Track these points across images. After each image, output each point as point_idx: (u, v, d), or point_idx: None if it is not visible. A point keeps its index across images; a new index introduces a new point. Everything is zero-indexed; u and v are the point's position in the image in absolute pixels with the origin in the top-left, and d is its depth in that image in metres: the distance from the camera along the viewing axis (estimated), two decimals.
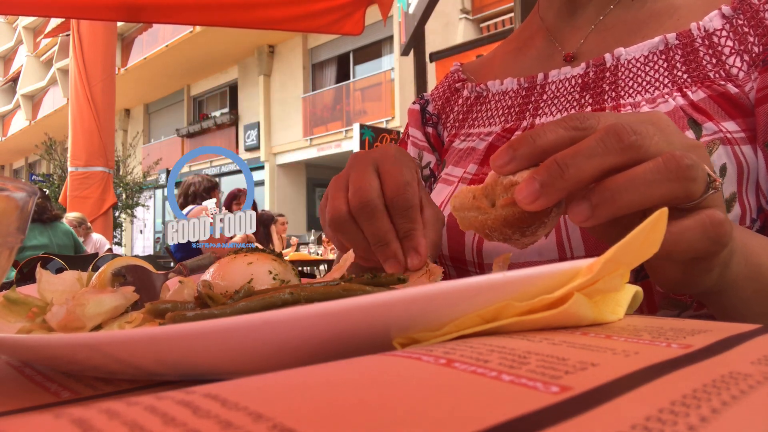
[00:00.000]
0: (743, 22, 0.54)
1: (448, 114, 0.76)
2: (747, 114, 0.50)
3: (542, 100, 0.64)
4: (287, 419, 0.11)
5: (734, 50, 0.53)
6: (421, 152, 0.76)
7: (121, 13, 2.29)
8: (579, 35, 0.65)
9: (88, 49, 5.02)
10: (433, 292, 0.21)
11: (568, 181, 0.30)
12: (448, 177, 0.67)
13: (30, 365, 0.29)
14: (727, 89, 0.51)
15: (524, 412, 0.12)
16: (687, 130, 0.50)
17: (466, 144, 0.69)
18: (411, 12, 5.34)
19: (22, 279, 1.98)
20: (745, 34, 0.53)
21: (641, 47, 0.57)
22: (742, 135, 0.49)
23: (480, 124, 0.70)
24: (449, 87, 0.78)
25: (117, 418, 0.12)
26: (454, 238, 0.60)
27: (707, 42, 0.54)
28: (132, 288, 0.36)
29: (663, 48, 0.56)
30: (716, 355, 0.17)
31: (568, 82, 0.62)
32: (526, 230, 0.34)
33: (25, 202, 0.31)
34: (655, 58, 0.56)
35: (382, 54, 11.78)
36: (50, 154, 12.61)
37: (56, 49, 16.30)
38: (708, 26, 0.55)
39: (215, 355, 0.21)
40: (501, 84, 0.69)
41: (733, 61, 0.52)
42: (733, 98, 0.51)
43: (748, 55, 0.52)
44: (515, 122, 0.65)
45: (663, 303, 0.48)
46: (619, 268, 0.24)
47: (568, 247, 0.51)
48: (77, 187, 4.95)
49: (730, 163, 0.48)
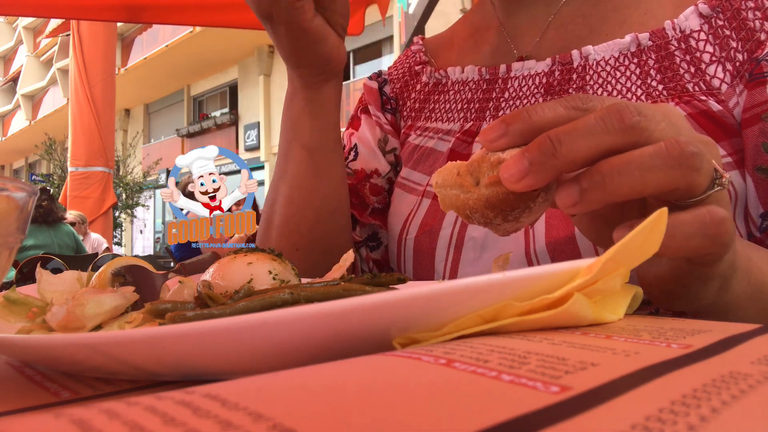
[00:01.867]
0: (723, 23, 0.48)
1: (405, 100, 0.69)
2: (732, 134, 0.46)
3: (503, 98, 0.59)
4: (287, 419, 0.11)
5: (715, 57, 0.48)
6: (386, 135, 0.69)
7: (121, 14, 2.29)
8: (534, 31, 0.59)
9: (88, 49, 5.02)
10: (433, 292, 0.21)
11: (560, 160, 0.27)
12: (407, 183, 0.62)
13: (30, 365, 0.29)
14: (709, 106, 0.46)
15: (524, 412, 0.12)
16: None
17: (423, 141, 0.64)
18: (411, 12, 5.34)
19: (22, 279, 1.98)
20: (727, 38, 0.48)
21: (610, 46, 0.52)
22: (729, 160, 0.45)
23: (437, 118, 0.64)
24: (409, 69, 0.70)
25: (117, 418, 0.12)
26: (422, 263, 0.56)
27: (683, 45, 0.49)
28: (132, 288, 0.36)
29: (635, 50, 0.51)
30: (716, 355, 0.17)
31: (532, 80, 0.57)
32: (509, 215, 0.30)
33: (25, 202, 0.31)
34: (626, 61, 0.51)
35: (382, 54, 11.78)
36: (50, 154, 12.61)
37: (56, 49, 16.30)
38: (684, 26, 0.50)
39: (215, 355, 0.21)
40: (462, 72, 0.64)
41: (714, 70, 0.47)
42: (716, 117, 0.46)
43: (731, 63, 0.47)
44: (475, 122, 0.60)
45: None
46: (619, 268, 0.24)
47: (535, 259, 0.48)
48: (77, 187, 4.96)
49: None
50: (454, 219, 0.54)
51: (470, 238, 0.52)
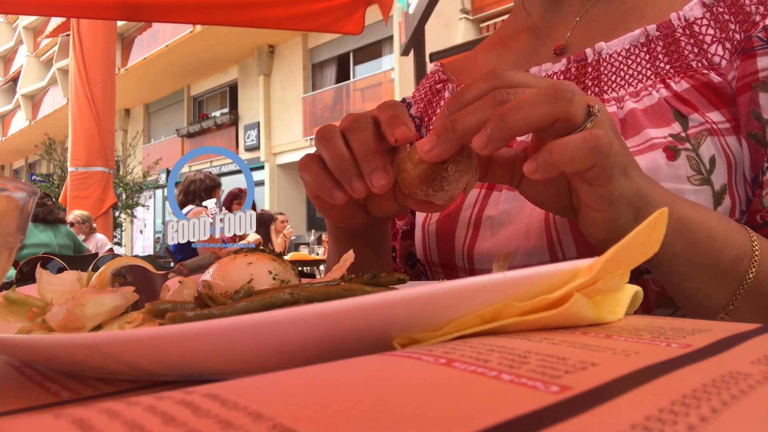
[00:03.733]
0: (724, 9, 0.54)
1: (430, 117, 0.74)
2: (730, 103, 0.50)
3: None
4: (287, 419, 0.11)
5: (716, 38, 0.53)
6: None
7: (121, 13, 2.29)
8: (565, 28, 0.65)
9: (88, 49, 5.02)
10: (433, 292, 0.21)
11: (458, 132, 0.36)
12: None
13: (30, 365, 0.29)
14: (710, 78, 0.51)
15: (524, 411, 0.12)
16: (673, 122, 0.49)
17: None
18: (411, 12, 5.34)
19: (22, 279, 1.98)
20: (726, 22, 0.53)
21: (622, 41, 0.57)
22: (727, 125, 0.49)
23: None
24: (430, 88, 0.76)
25: (117, 418, 0.12)
26: (444, 244, 0.59)
27: (688, 31, 0.54)
28: (132, 288, 0.36)
29: (644, 40, 0.56)
30: (716, 354, 0.17)
31: (550, 78, 0.61)
32: (432, 185, 0.39)
33: (25, 202, 0.31)
34: (636, 51, 0.56)
35: (382, 54, 11.77)
36: (50, 154, 12.61)
37: (56, 49, 16.29)
38: (688, 15, 0.55)
39: (215, 355, 0.21)
40: None
41: (715, 49, 0.52)
42: (716, 87, 0.51)
43: (730, 42, 0.52)
44: None
45: (658, 302, 0.48)
46: (619, 268, 0.24)
47: (559, 248, 0.50)
48: (77, 187, 4.96)
49: (718, 155, 0.48)
50: (474, 201, 0.59)
51: (487, 218, 0.57)
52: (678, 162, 0.47)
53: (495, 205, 0.56)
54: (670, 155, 0.47)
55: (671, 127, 0.49)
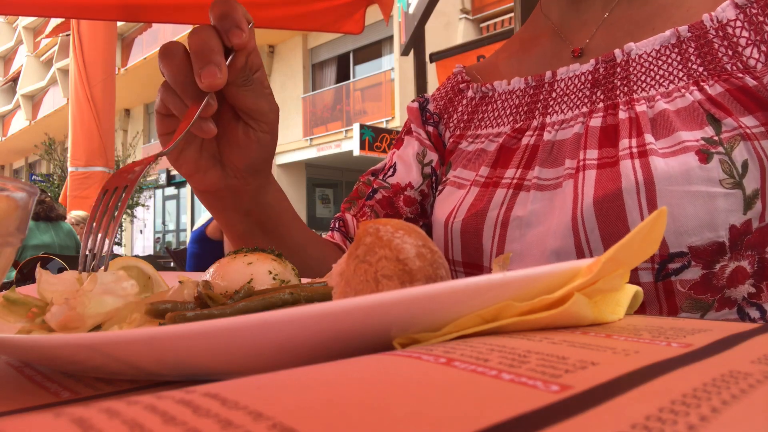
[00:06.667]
0: (757, 11, 0.53)
1: (451, 114, 0.75)
2: (765, 107, 0.50)
3: (551, 98, 0.63)
4: (287, 418, 0.11)
5: (751, 41, 0.52)
6: (425, 149, 0.76)
7: (121, 13, 2.29)
8: (586, 31, 0.65)
9: (88, 49, 5.02)
10: (433, 292, 0.21)
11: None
12: (458, 180, 0.67)
13: (30, 365, 0.29)
14: (745, 82, 0.51)
15: (524, 411, 0.12)
16: (706, 126, 0.49)
17: (475, 146, 0.68)
18: (411, 12, 5.34)
19: (22, 279, 1.98)
20: (761, 24, 0.52)
21: (652, 41, 0.57)
22: (761, 129, 0.49)
23: (487, 125, 0.69)
24: (452, 88, 0.77)
25: (117, 417, 0.12)
26: (471, 244, 0.59)
27: (721, 33, 0.54)
28: (133, 289, 0.36)
29: (675, 41, 0.56)
30: (716, 354, 0.17)
31: (578, 78, 0.61)
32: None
33: (25, 202, 0.31)
34: (667, 51, 0.56)
35: (382, 54, 11.77)
36: (50, 154, 12.61)
37: (56, 49, 16.29)
38: (721, 17, 0.54)
39: (215, 355, 0.21)
40: (508, 84, 0.69)
41: (750, 52, 0.52)
42: (751, 91, 0.50)
43: (766, 45, 0.51)
44: (525, 121, 0.64)
45: (685, 305, 0.48)
46: (619, 268, 0.24)
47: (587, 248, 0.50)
48: (77, 187, 4.95)
49: (751, 159, 0.47)
50: (501, 202, 0.59)
51: (515, 218, 0.57)
52: (710, 165, 0.47)
53: (523, 205, 0.57)
54: (703, 158, 0.47)
55: (704, 131, 0.49)
